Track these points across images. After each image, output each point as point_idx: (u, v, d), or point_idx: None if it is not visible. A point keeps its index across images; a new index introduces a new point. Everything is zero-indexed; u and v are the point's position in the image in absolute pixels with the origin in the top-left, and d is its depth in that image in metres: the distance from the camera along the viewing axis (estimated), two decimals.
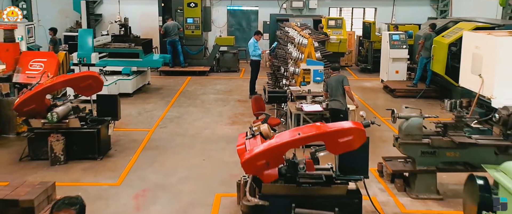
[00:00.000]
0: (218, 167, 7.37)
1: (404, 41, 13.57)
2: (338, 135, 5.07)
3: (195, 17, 15.63)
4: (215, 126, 9.68)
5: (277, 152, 5.11)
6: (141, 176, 7.00)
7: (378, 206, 5.96)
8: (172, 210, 5.93)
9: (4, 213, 5.23)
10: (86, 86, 7.57)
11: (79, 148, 7.44)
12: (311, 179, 5.21)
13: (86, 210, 5.41)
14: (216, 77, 15.23)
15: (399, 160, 6.76)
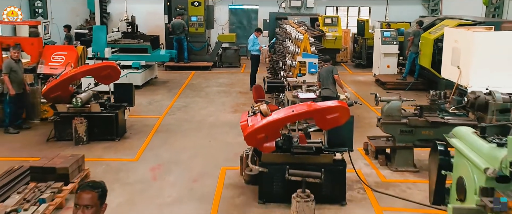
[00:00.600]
0: (223, 147, 8.31)
1: (395, 38, 14.51)
2: (326, 112, 6.02)
3: (199, 15, 16.59)
4: (219, 114, 10.63)
5: (274, 127, 6.06)
6: (155, 153, 7.95)
7: (362, 176, 6.91)
8: (184, 179, 6.88)
9: (43, 179, 6.18)
10: (106, 75, 8.52)
11: (99, 130, 8.38)
12: (303, 150, 6.16)
13: (111, 179, 6.39)
14: (218, 72, 16.17)
15: (382, 138, 7.72)
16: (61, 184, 6.09)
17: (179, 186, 6.63)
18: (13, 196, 5.72)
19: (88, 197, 2.90)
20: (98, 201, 2.93)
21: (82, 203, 2.89)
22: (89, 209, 2.89)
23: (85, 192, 2.90)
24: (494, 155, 4.28)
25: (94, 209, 2.91)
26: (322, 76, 9.12)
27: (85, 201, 2.89)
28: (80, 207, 2.89)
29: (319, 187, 5.86)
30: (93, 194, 2.91)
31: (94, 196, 2.91)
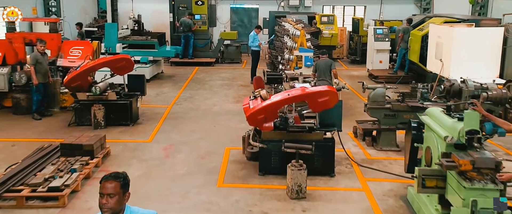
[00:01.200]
0: (226, 131, 9.24)
1: (387, 35, 15.44)
2: (317, 96, 6.96)
3: (202, 14, 17.52)
4: (222, 104, 11.56)
5: (272, 109, 7.00)
6: (166, 136, 8.88)
7: (350, 154, 7.83)
8: (193, 156, 7.81)
9: (72, 154, 7.11)
10: (121, 66, 9.46)
11: (115, 116, 9.30)
12: (298, 129, 7.08)
13: (128, 156, 7.30)
14: (221, 67, 17.10)
15: (369, 122, 8.66)
16: (87, 158, 7.02)
17: (189, 162, 7.56)
18: (48, 167, 6.66)
19: (111, 186, 3.06)
20: (120, 190, 3.09)
21: (106, 192, 3.06)
22: (113, 198, 3.05)
23: (109, 182, 3.07)
24: (454, 127, 5.23)
25: (117, 197, 3.06)
26: (320, 68, 10.01)
27: (108, 190, 3.05)
28: (104, 196, 3.06)
29: (311, 161, 6.78)
30: (116, 183, 3.07)
31: (117, 185, 3.07)
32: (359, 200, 6.27)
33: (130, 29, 15.42)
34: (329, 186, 6.71)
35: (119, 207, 3.10)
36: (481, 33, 10.18)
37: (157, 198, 6.21)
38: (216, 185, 6.70)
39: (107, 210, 3.05)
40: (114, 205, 3.06)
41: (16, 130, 9.11)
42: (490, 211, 4.59)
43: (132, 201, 3.12)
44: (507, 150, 8.30)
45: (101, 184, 3.09)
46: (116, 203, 3.06)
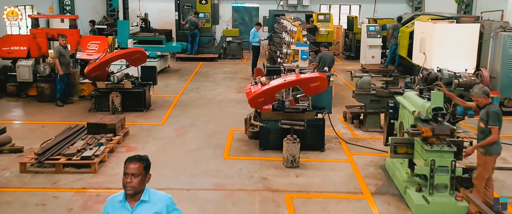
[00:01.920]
0: (230, 115, 10.33)
1: (379, 32, 16.54)
2: (310, 81, 8.05)
3: (206, 12, 18.61)
4: (226, 94, 12.65)
5: (271, 92, 8.09)
6: (176, 120, 9.98)
7: (339, 134, 8.92)
8: (201, 135, 8.90)
9: (97, 132, 8.20)
10: (136, 58, 10.56)
11: (131, 102, 10.39)
12: (293, 110, 8.17)
13: (145, 135, 8.41)
14: (223, 63, 18.19)
15: (357, 107, 9.75)
16: (111, 135, 8.12)
17: (198, 140, 8.66)
18: (78, 141, 7.76)
19: (135, 166, 3.23)
20: (143, 171, 3.26)
21: (130, 172, 3.22)
22: (136, 177, 3.22)
23: (133, 163, 3.25)
24: (423, 105, 6.32)
25: (140, 177, 3.23)
26: (324, 60, 11.06)
27: (132, 170, 3.22)
28: (128, 176, 3.23)
29: (304, 137, 7.85)
30: (140, 164, 3.25)
31: (140, 166, 3.25)
32: (345, 168, 7.36)
33: (140, 26, 16.51)
34: (319, 158, 7.80)
35: (141, 187, 3.27)
36: (459, 29, 11.27)
37: (173, 167, 7.30)
38: (222, 157, 7.80)
39: (130, 189, 3.23)
40: (137, 184, 3.23)
41: (42, 115, 10.21)
42: (446, 168, 5.70)
43: (151, 169, 3.38)
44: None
45: (125, 165, 3.26)
46: (138, 183, 3.23)
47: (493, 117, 5.46)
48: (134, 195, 3.26)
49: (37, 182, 6.66)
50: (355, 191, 6.53)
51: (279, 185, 6.68)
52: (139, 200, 3.27)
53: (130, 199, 3.28)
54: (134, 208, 3.27)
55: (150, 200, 3.29)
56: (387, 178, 6.96)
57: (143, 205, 3.28)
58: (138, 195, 3.28)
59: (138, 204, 3.26)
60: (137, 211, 3.27)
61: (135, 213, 3.26)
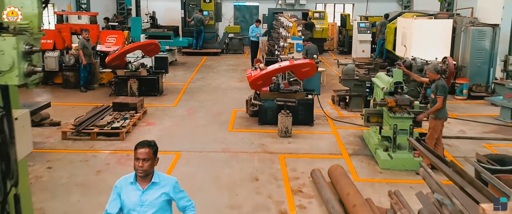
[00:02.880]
0: (233, 100, 11.82)
1: (369, 28, 18.04)
2: (301, 67, 9.55)
3: (210, 10, 20.12)
4: (229, 82, 14.15)
5: (268, 76, 9.59)
6: (186, 102, 11.47)
7: (327, 113, 10.41)
8: (209, 114, 10.40)
9: (121, 110, 9.70)
10: (150, 49, 12.06)
11: (146, 88, 11.87)
12: (287, 91, 9.66)
13: (161, 114, 9.96)
14: (226, 57, 19.70)
15: (343, 91, 11.24)
16: (133, 112, 9.62)
17: (206, 118, 10.16)
18: (107, 117, 9.26)
19: (145, 151, 3.47)
20: (152, 155, 3.50)
21: (141, 157, 3.45)
22: (147, 161, 3.46)
23: (144, 148, 3.47)
24: (388, 81, 7.82)
25: (150, 161, 3.48)
26: (311, 51, 12.57)
27: (143, 155, 3.45)
28: (139, 160, 3.45)
29: (296, 114, 9.34)
30: (149, 150, 3.49)
31: (150, 151, 3.49)
32: (329, 138, 8.85)
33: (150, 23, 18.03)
34: (308, 131, 9.30)
35: (151, 170, 3.53)
36: (435, 24, 12.75)
37: (187, 137, 8.80)
38: (228, 130, 9.31)
39: (142, 172, 3.48)
40: (147, 167, 3.48)
41: (69, 99, 11.72)
42: (405, 131, 7.20)
43: (169, 139, 4.13)
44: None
45: (136, 150, 3.49)
46: (149, 166, 3.48)
47: (440, 89, 6.96)
48: (144, 177, 3.54)
49: (77, 146, 8.17)
50: (336, 153, 8.03)
51: (274, 149, 8.18)
52: (151, 182, 3.54)
53: (140, 180, 3.55)
54: (146, 189, 3.54)
55: (159, 182, 3.58)
56: (363, 144, 8.45)
57: (153, 186, 3.55)
58: (148, 177, 3.54)
59: (149, 185, 3.54)
60: (147, 191, 3.54)
61: (146, 193, 3.53)
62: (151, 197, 3.51)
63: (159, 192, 3.53)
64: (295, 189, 6.52)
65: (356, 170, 7.29)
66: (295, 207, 5.96)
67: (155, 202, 3.52)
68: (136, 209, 3.51)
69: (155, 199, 3.52)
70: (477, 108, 11.22)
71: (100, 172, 7.05)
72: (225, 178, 6.90)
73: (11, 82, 3.46)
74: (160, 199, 3.53)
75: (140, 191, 3.53)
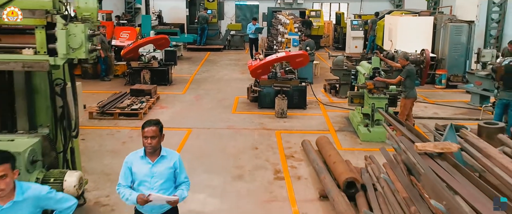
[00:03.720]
0: (235, 89, 13.16)
1: (361, 25, 19.40)
2: (296, 57, 10.92)
3: (213, 9, 21.49)
4: (231, 74, 15.52)
5: (267, 65, 10.94)
6: (194, 91, 12.83)
7: (319, 99, 11.76)
8: (214, 100, 11.75)
9: (137, 95, 11.06)
10: (161, 43, 13.43)
11: (157, 78, 13.21)
12: (283, 79, 11.02)
13: (172, 100, 11.37)
14: (228, 53, 21.06)
15: (333, 80, 12.60)
16: (148, 97, 10.98)
17: (212, 103, 11.51)
18: (125, 100, 10.62)
19: (153, 129, 3.74)
20: (159, 133, 3.77)
21: (149, 135, 3.73)
22: (154, 139, 3.73)
23: (151, 127, 3.74)
24: (368, 67, 9.16)
25: (157, 138, 3.76)
26: (311, 45, 13.92)
27: (151, 133, 3.73)
28: (148, 138, 3.73)
29: (291, 99, 10.67)
30: (156, 128, 3.75)
31: (157, 129, 3.75)
32: (319, 119, 10.21)
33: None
34: (302, 113, 10.66)
35: (158, 146, 3.85)
36: (418, 21, 14.11)
37: (196, 117, 10.15)
38: (231, 112, 10.67)
39: (151, 148, 3.80)
40: (155, 144, 3.78)
41: (89, 87, 13.03)
42: (382, 109, 8.54)
43: (181, 119, 5.11)
44: (425, 98, 12.22)
45: (144, 130, 3.76)
46: (157, 143, 3.79)
47: (405, 72, 8.36)
48: (153, 153, 3.87)
49: (102, 124, 9.54)
50: (324, 129, 9.39)
51: (272, 126, 9.54)
52: (159, 156, 3.88)
53: (149, 155, 3.89)
54: (155, 162, 3.87)
55: (167, 155, 3.92)
56: (348, 123, 9.81)
57: (161, 160, 3.89)
58: (156, 153, 3.88)
59: (158, 159, 3.87)
60: (157, 164, 3.87)
61: (155, 166, 3.87)
62: (160, 169, 3.86)
63: (166, 165, 3.88)
64: (288, 154, 7.88)
65: (340, 142, 8.64)
66: (288, 167, 7.32)
67: (164, 173, 3.87)
68: (147, 180, 3.86)
69: (163, 171, 3.87)
70: (453, 95, 12.57)
71: (125, 143, 8.41)
72: (230, 148, 8.26)
73: (80, 56, 4.84)
74: (168, 171, 3.88)
75: (150, 164, 3.86)
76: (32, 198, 3.17)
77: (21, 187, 3.15)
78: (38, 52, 4.76)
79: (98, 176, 6.82)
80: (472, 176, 4.00)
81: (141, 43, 13.13)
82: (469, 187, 3.82)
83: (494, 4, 13.63)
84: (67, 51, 4.73)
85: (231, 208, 6.01)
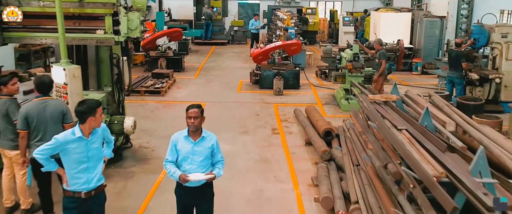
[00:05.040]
0: (239, 74, 15.27)
1: (352, 21, 21.50)
2: (290, 46, 13.06)
3: (218, 7, 23.60)
4: (235, 64, 17.64)
5: (266, 53, 13.08)
6: (204, 76, 14.96)
7: (310, 81, 13.87)
8: (222, 83, 13.87)
9: (158, 78, 13.17)
10: (175, 36, 15.56)
11: (172, 65, 15.31)
12: (280, 64, 13.14)
13: (186, 82, 13.58)
14: (231, 46, 23.18)
15: (323, 67, 14.71)
16: (167, 79, 13.10)
17: (220, 85, 13.63)
18: (149, 81, 12.75)
19: (195, 111, 4.32)
20: (200, 114, 4.35)
21: (192, 115, 4.30)
22: (196, 119, 4.31)
23: (194, 108, 4.34)
24: (350, 53, 11.29)
25: (199, 119, 4.33)
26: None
27: (194, 114, 4.31)
28: (191, 118, 4.30)
29: (286, 81, 12.79)
30: (198, 110, 4.34)
31: (198, 111, 4.34)
32: (310, 96, 12.32)
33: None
34: (296, 92, 12.78)
35: (200, 126, 4.37)
36: (398, 16, 16.21)
37: (208, 95, 12.27)
38: (237, 91, 12.80)
39: (193, 127, 4.34)
40: (198, 124, 4.33)
41: None
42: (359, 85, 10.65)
43: (195, 96, 7.04)
44: (402, 81, 14.32)
45: (188, 111, 4.32)
46: (198, 123, 4.34)
47: (381, 55, 10.44)
48: (195, 132, 4.38)
49: (132, 98, 11.66)
50: (313, 103, 11.50)
51: (270, 101, 11.66)
52: (201, 136, 4.38)
53: (192, 134, 4.39)
54: (197, 141, 4.38)
55: (206, 137, 4.44)
56: (333, 99, 11.93)
57: (202, 140, 4.41)
58: (198, 132, 4.38)
59: (199, 139, 4.38)
60: (198, 143, 4.39)
61: (197, 145, 4.39)
62: (200, 148, 4.39)
63: (206, 145, 4.42)
64: (283, 119, 10.01)
65: (325, 111, 10.76)
66: (282, 126, 9.44)
67: (203, 152, 4.40)
68: (189, 156, 4.39)
69: (203, 150, 4.39)
70: (426, 80, 14.67)
71: (153, 111, 10.54)
72: (237, 115, 10.38)
73: (136, 35, 6.95)
74: (207, 150, 4.41)
75: (192, 144, 4.39)
76: (102, 130, 4.39)
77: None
78: (107, 32, 6.86)
79: (137, 131, 8.93)
80: (398, 110, 6.13)
81: (158, 35, 15.26)
82: (395, 115, 5.94)
83: (463, 1, 15.73)
84: (127, 31, 6.83)
85: (240, 150, 8.14)
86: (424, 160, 4.48)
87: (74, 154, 4.13)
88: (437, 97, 7.10)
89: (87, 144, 4.17)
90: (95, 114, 4.16)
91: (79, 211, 4.25)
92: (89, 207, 4.28)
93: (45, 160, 4.19)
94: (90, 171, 4.20)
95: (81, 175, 4.16)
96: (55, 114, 5.11)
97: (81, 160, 4.15)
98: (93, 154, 4.22)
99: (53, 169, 4.32)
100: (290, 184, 6.71)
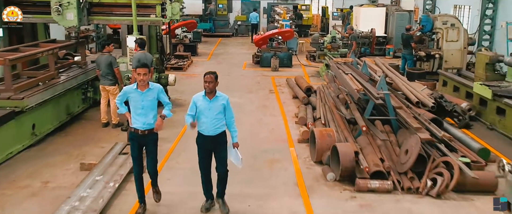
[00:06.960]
0: (243, 58, 18.59)
1: (340, 16, 24.81)
2: (285, 32, 16.45)
3: (223, 4, 26.96)
4: (240, 51, 20.99)
5: (265, 38, 16.44)
6: (214, 59, 18.30)
7: (301, 63, 17.20)
8: (230, 64, 17.21)
9: (179, 58, 16.53)
10: (191, 26, 18.93)
11: (189, 50, 18.63)
12: (277, 47, 16.48)
13: (200, 62, 17.11)
14: (236, 39, 26.52)
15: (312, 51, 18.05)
16: (186, 59, 16.45)
17: (228, 65, 16.97)
18: (172, 61, 16.10)
19: (210, 76, 5.36)
20: (215, 80, 5.38)
21: (208, 80, 5.34)
22: (211, 83, 5.33)
23: (209, 75, 5.37)
24: (330, 37, 14.65)
25: (213, 84, 5.35)
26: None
27: (209, 79, 5.34)
28: (207, 82, 5.32)
29: (282, 61, 16.12)
30: (213, 75, 5.38)
31: (213, 76, 5.38)
32: (299, 72, 15.66)
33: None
34: (288, 69, 16.12)
35: (214, 88, 5.41)
36: (374, 11, 19.53)
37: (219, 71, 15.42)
38: (242, 68, 16.16)
39: (208, 89, 5.35)
40: (212, 87, 5.37)
41: None
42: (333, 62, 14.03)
43: (212, 69, 10.49)
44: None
45: (205, 77, 5.36)
46: (213, 86, 5.38)
47: (352, 38, 13.80)
48: (210, 93, 5.40)
49: None
50: (301, 75, 14.84)
51: (268, 74, 15.00)
52: (215, 96, 5.42)
53: (208, 95, 5.42)
54: (212, 100, 5.43)
55: (219, 96, 5.48)
56: (318, 74, 15.28)
57: (216, 99, 5.45)
58: (212, 93, 5.41)
59: (214, 98, 5.41)
60: (212, 101, 5.43)
61: (212, 103, 5.43)
62: (215, 105, 5.42)
63: (219, 103, 5.44)
64: (278, 85, 13.37)
65: (310, 80, 14.12)
66: (277, 89, 12.79)
67: (217, 108, 5.44)
68: (206, 112, 5.43)
69: (217, 106, 5.43)
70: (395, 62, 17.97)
71: (179, 80, 13.88)
72: (242, 83, 13.72)
73: (177, 18, 10.29)
74: (220, 107, 5.44)
75: (208, 101, 5.41)
76: (156, 88, 5.52)
77: (151, 83, 5.54)
78: (157, 16, 10.19)
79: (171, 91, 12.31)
80: (350, 65, 9.50)
81: (177, 26, 18.60)
82: (346, 68, 9.30)
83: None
84: (171, 15, 10.16)
85: (247, 102, 11.49)
86: (354, 83, 7.88)
87: (133, 101, 5.46)
88: (380, 61, 10.49)
89: (141, 95, 5.41)
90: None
91: (138, 143, 5.56)
92: (144, 141, 5.56)
93: (120, 104, 5.61)
94: (144, 116, 5.45)
95: (138, 117, 5.46)
96: (147, 60, 8.57)
97: (137, 106, 5.43)
98: (146, 104, 5.42)
99: (123, 112, 5.69)
100: (280, 117, 10.08)
